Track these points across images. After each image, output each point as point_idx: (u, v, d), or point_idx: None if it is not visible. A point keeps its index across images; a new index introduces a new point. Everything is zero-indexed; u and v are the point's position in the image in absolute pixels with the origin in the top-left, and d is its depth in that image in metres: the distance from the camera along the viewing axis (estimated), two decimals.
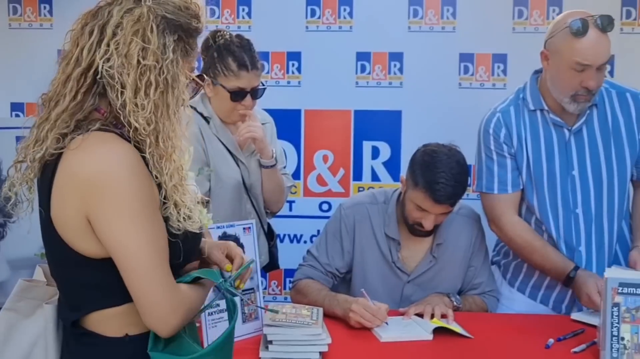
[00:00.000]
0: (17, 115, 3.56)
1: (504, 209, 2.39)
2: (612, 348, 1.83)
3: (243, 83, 2.43)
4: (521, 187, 2.40)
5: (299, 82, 3.41)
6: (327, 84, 3.39)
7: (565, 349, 1.98)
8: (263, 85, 2.51)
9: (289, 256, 3.13)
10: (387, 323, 2.11)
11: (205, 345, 1.78)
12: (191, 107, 2.28)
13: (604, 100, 2.35)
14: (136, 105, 1.29)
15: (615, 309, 1.85)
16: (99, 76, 1.30)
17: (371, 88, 3.40)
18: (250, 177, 2.60)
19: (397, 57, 3.37)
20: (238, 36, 2.49)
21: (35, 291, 1.48)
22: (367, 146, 3.44)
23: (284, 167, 2.82)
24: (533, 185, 2.37)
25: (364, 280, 2.41)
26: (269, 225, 2.80)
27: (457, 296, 2.36)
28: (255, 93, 2.49)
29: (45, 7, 3.53)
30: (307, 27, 3.40)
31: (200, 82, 1.49)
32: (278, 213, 2.82)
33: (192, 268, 1.52)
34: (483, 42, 3.32)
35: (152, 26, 1.31)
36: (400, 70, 3.38)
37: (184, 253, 1.38)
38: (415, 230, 2.33)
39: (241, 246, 2.08)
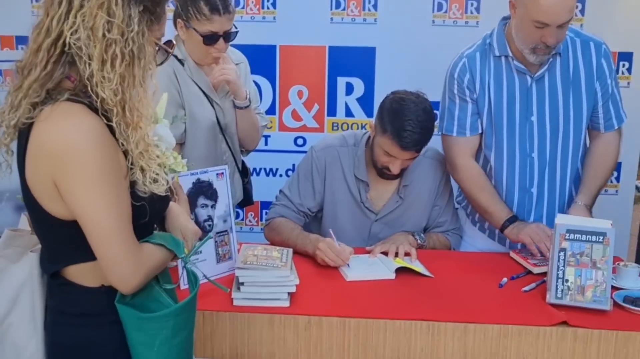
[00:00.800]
0: None
1: (460, 151, 2.50)
2: (557, 288, 1.98)
3: (215, 27, 2.46)
4: (480, 132, 2.49)
5: (274, 18, 3.41)
6: (302, 20, 3.41)
7: (517, 288, 2.13)
8: (236, 28, 2.53)
9: (264, 189, 3.25)
10: (348, 265, 2.24)
11: (182, 286, 1.92)
12: None
13: (567, 48, 2.41)
14: (103, 77, 1.34)
15: (562, 253, 1.99)
16: (67, 47, 1.35)
17: (346, 25, 3.42)
18: (224, 117, 2.66)
19: None
20: None
21: (20, 240, 1.59)
22: (341, 82, 3.49)
23: (258, 106, 2.88)
24: (493, 129, 2.47)
25: (334, 219, 2.53)
26: (243, 162, 2.89)
27: (422, 235, 2.50)
28: (228, 36, 2.52)
29: None
30: None
31: (169, 49, 1.54)
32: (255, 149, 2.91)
33: None
34: None
35: (118, 1, 1.34)
36: (375, 6, 3.39)
37: (151, 214, 1.47)
38: (384, 174, 2.44)
39: (214, 191, 2.18)
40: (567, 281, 1.98)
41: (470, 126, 2.48)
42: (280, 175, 3.57)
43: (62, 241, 1.46)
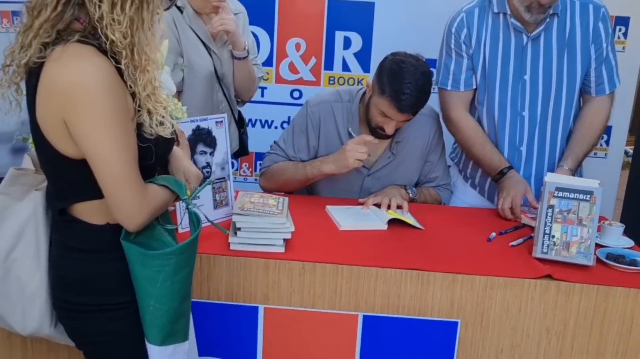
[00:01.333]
0: None
1: (454, 104, 2.56)
2: (543, 244, 2.05)
3: None
4: (474, 87, 2.54)
5: None
6: None
7: (505, 243, 2.20)
8: None
9: (260, 140, 3.27)
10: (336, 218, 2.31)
11: (180, 229, 1.97)
12: None
13: (566, 9, 2.43)
14: (113, 19, 1.38)
15: (549, 210, 2.05)
16: None
17: None
18: (222, 67, 2.68)
19: None
20: None
21: (25, 178, 1.64)
22: (339, 36, 3.49)
23: (256, 57, 2.89)
24: (485, 85, 2.51)
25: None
26: (239, 112, 2.92)
27: (413, 189, 2.55)
28: None
29: None
30: None
31: None
32: (251, 99, 2.93)
33: None
34: None
35: None
36: None
37: (156, 155, 1.52)
38: (377, 133, 2.47)
39: (213, 138, 2.22)
40: (553, 237, 2.05)
41: (464, 81, 2.53)
42: (276, 127, 3.59)
43: (70, 179, 1.50)
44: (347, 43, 3.49)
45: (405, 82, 2.31)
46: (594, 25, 2.42)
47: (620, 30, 3.39)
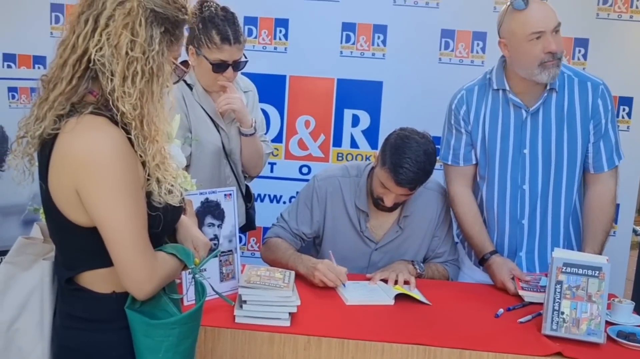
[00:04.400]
0: (9, 66, 3.63)
1: (454, 179, 2.61)
2: (552, 320, 2.03)
3: (225, 56, 2.52)
4: (473, 162, 2.58)
5: (285, 49, 3.50)
6: (313, 52, 3.49)
7: (513, 319, 2.17)
8: (245, 57, 2.60)
9: (268, 215, 3.27)
10: (344, 285, 2.30)
11: (185, 301, 1.96)
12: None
13: (564, 86, 2.47)
14: (124, 92, 1.42)
15: (558, 286, 2.04)
16: (91, 63, 1.43)
17: (355, 58, 3.51)
18: (230, 143, 2.71)
19: (381, 29, 3.48)
20: (224, 9, 2.55)
21: (32, 248, 1.64)
22: (348, 114, 3.56)
23: (264, 134, 2.94)
24: (486, 160, 2.55)
25: (334, 247, 2.57)
26: (247, 187, 2.94)
27: (421, 264, 2.55)
28: (237, 65, 2.59)
29: None
30: None
31: (184, 69, 1.62)
32: (260, 174, 2.96)
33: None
34: (464, 19, 3.43)
35: (140, 20, 1.43)
36: (384, 42, 3.49)
37: (164, 224, 1.53)
38: (378, 204, 2.49)
39: (222, 211, 2.24)
40: (562, 313, 2.02)
41: (463, 156, 2.58)
42: (284, 202, 3.62)
43: (79, 247, 1.51)
44: (355, 121, 3.57)
45: (406, 156, 2.35)
46: (592, 103, 2.45)
47: (624, 110, 3.44)
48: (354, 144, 3.58)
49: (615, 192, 2.54)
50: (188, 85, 2.62)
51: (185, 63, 1.65)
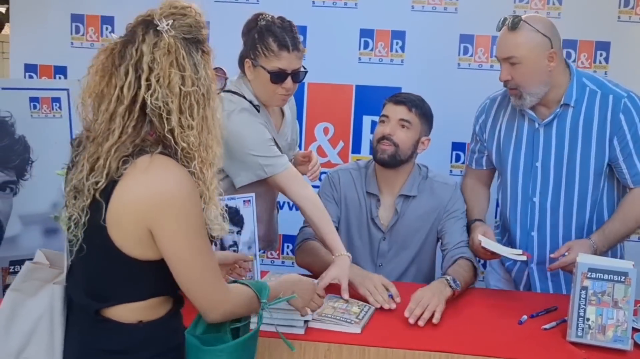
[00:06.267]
0: (30, 76, 3.68)
1: (466, 174, 2.76)
2: (577, 327, 1.99)
3: (283, 64, 2.39)
4: (484, 168, 2.70)
5: (304, 56, 3.49)
6: (331, 59, 3.48)
7: (537, 325, 2.14)
8: (304, 68, 2.49)
9: (287, 222, 3.28)
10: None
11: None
12: (239, 94, 2.37)
13: (583, 100, 2.43)
14: (183, 127, 1.44)
15: (583, 292, 2.00)
16: (147, 109, 1.44)
17: (373, 65, 3.50)
18: None
19: (399, 35, 3.47)
20: (280, 18, 2.45)
21: (39, 273, 1.64)
22: (366, 120, 3.55)
23: (297, 145, 2.89)
24: (499, 169, 2.60)
25: (347, 236, 2.60)
26: None
27: (457, 281, 2.30)
28: (297, 76, 2.45)
29: None
30: (313, 2, 3.50)
31: (220, 74, 1.62)
32: None
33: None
34: (483, 24, 3.38)
35: (182, 54, 1.45)
36: (402, 48, 3.47)
37: None
38: (377, 152, 2.55)
39: (241, 217, 2.23)
40: (588, 319, 1.99)
41: (476, 161, 2.72)
42: None
43: (123, 279, 1.51)
44: (374, 127, 3.52)
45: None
46: (612, 117, 2.39)
47: None
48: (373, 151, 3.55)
49: None
50: (255, 107, 2.46)
51: (218, 69, 1.65)
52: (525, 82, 2.37)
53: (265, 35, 2.39)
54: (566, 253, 2.32)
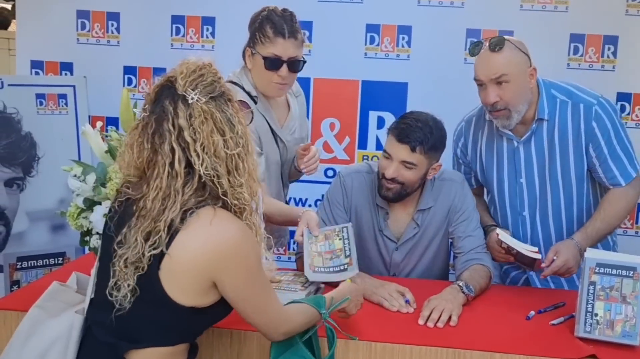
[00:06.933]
0: (36, 73, 3.68)
1: None
2: (586, 322, 1.97)
3: (278, 51, 2.39)
4: (474, 187, 2.68)
5: (310, 51, 3.49)
6: (337, 54, 3.49)
7: (545, 321, 2.12)
8: (304, 59, 2.47)
9: None
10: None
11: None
12: (237, 84, 2.34)
13: (555, 112, 2.42)
14: (233, 187, 1.48)
15: (591, 287, 1.99)
16: (202, 179, 1.47)
17: (379, 60, 3.50)
18: (287, 154, 2.64)
19: (405, 30, 3.46)
20: (284, 9, 2.47)
21: (65, 295, 1.67)
22: (373, 115, 3.55)
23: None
24: (486, 187, 2.63)
25: (359, 246, 2.51)
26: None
27: (470, 287, 2.25)
28: (294, 64, 2.44)
29: None
30: None
31: (244, 106, 1.65)
32: None
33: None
34: (490, 18, 3.39)
35: (217, 117, 1.47)
36: (408, 43, 3.47)
37: None
38: (381, 188, 2.41)
39: None
40: (596, 315, 1.97)
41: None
42: (310, 205, 3.61)
43: (160, 324, 1.53)
44: (380, 122, 3.54)
45: (410, 115, 2.39)
46: (585, 126, 2.39)
47: None
48: (379, 146, 3.55)
49: (633, 198, 2.47)
50: (252, 98, 2.41)
51: (241, 102, 1.66)
52: (515, 100, 2.35)
53: (264, 23, 2.42)
54: (555, 258, 2.32)
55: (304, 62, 2.48)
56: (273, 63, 2.41)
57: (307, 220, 2.27)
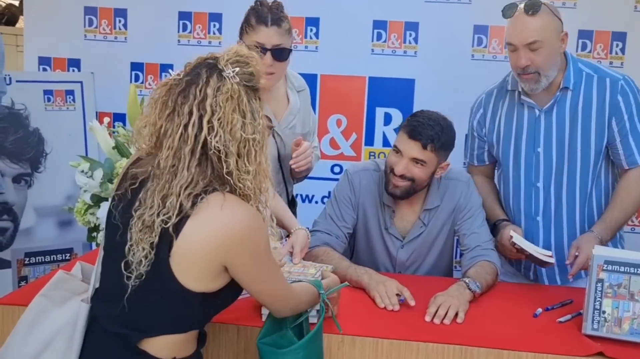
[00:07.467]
0: (44, 69, 3.70)
1: (473, 173, 2.68)
2: (593, 320, 1.97)
3: (261, 38, 2.37)
4: (486, 163, 2.70)
5: (317, 48, 3.50)
6: (344, 50, 3.49)
7: (552, 318, 2.11)
8: (290, 48, 2.45)
9: (300, 215, 3.24)
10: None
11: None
12: None
13: (580, 84, 2.43)
14: (240, 171, 1.48)
15: (599, 284, 1.98)
16: (210, 151, 1.46)
17: (386, 56, 3.49)
18: (284, 149, 2.62)
19: (412, 26, 3.46)
20: (275, 2, 2.47)
21: (70, 284, 1.66)
22: (379, 112, 3.55)
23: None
24: (500, 159, 2.59)
25: (364, 243, 2.56)
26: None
27: (476, 283, 2.24)
28: (278, 53, 2.40)
29: None
30: None
31: (266, 120, 1.61)
32: None
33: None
34: (497, 14, 3.33)
35: (244, 100, 1.48)
36: (415, 39, 3.46)
37: None
38: (388, 186, 2.41)
39: None
40: (604, 312, 1.96)
41: (477, 157, 2.70)
42: (316, 202, 3.61)
43: (170, 312, 1.52)
44: (387, 119, 3.54)
45: (422, 114, 2.40)
46: (611, 99, 2.40)
47: None
48: (386, 143, 3.55)
49: None
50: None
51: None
52: (546, 65, 2.35)
53: (249, 14, 2.44)
54: (576, 253, 2.31)
55: (290, 50, 2.47)
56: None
57: (292, 243, 2.27)
